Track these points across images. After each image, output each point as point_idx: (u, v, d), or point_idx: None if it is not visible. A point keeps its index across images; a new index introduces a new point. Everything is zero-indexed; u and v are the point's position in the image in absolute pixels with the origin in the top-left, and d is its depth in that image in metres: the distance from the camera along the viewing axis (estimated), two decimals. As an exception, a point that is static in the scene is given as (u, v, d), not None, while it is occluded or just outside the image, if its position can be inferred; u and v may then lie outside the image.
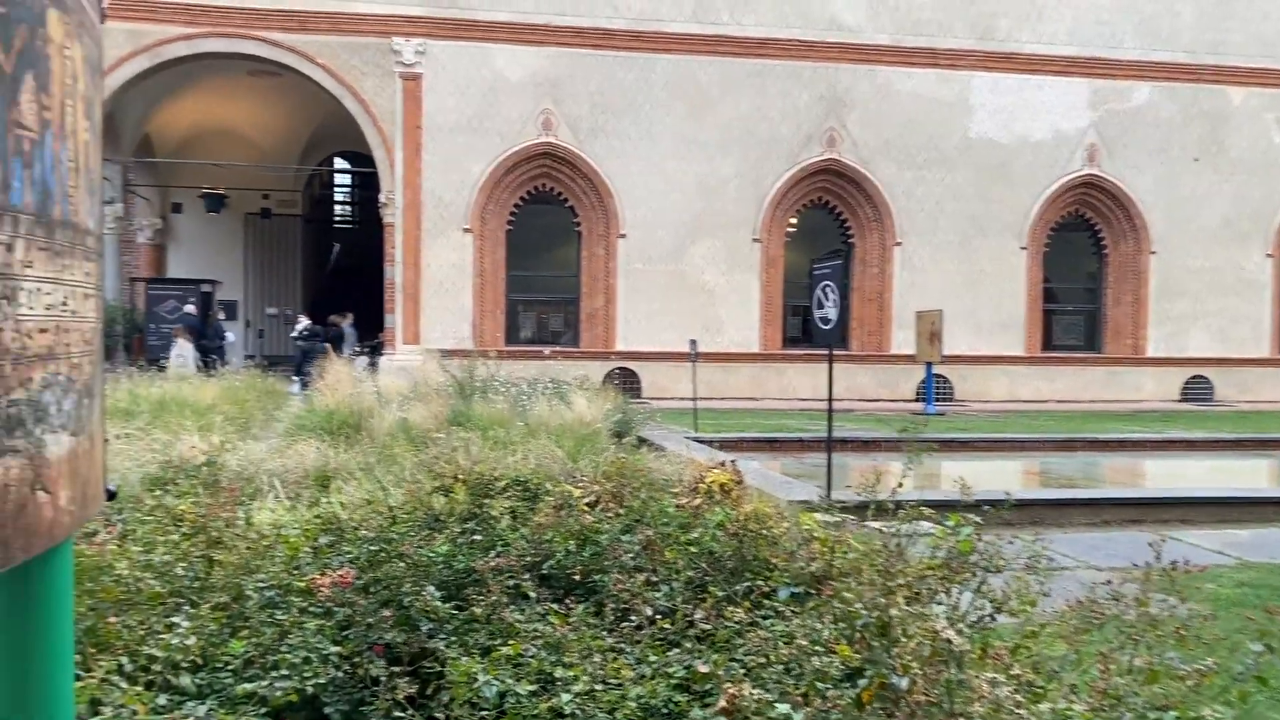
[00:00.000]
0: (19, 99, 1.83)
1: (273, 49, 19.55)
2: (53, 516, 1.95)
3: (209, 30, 19.35)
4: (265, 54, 19.64)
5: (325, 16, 19.51)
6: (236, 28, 19.39)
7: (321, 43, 19.56)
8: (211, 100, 24.01)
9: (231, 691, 3.08)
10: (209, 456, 5.18)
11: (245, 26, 19.39)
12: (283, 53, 19.60)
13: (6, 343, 1.78)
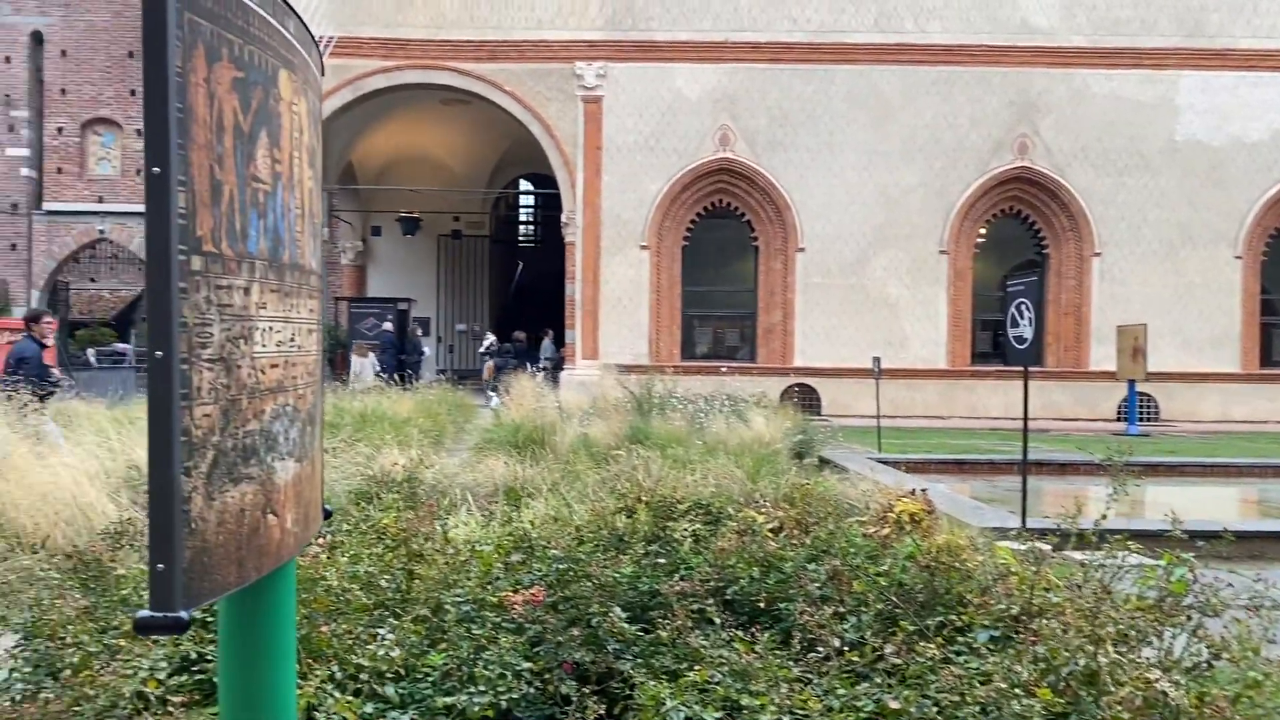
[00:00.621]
0: (255, 155, 1.99)
1: (464, 78, 20.46)
2: (280, 538, 2.09)
3: (406, 63, 20.44)
4: (457, 83, 20.58)
5: (513, 45, 20.27)
6: (431, 59, 20.41)
7: (509, 71, 20.33)
8: (407, 129, 25.32)
9: (431, 702, 3.22)
10: (408, 472, 5.44)
11: (439, 58, 20.38)
12: (473, 81, 20.48)
13: (244, 378, 1.94)
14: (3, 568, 4.51)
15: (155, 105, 1.67)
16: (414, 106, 23.42)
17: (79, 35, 26.61)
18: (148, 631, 1.70)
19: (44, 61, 26.75)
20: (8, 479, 6.33)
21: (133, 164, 26.75)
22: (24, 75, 26.58)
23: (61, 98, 26.64)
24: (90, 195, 26.76)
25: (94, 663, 3.20)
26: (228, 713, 2.12)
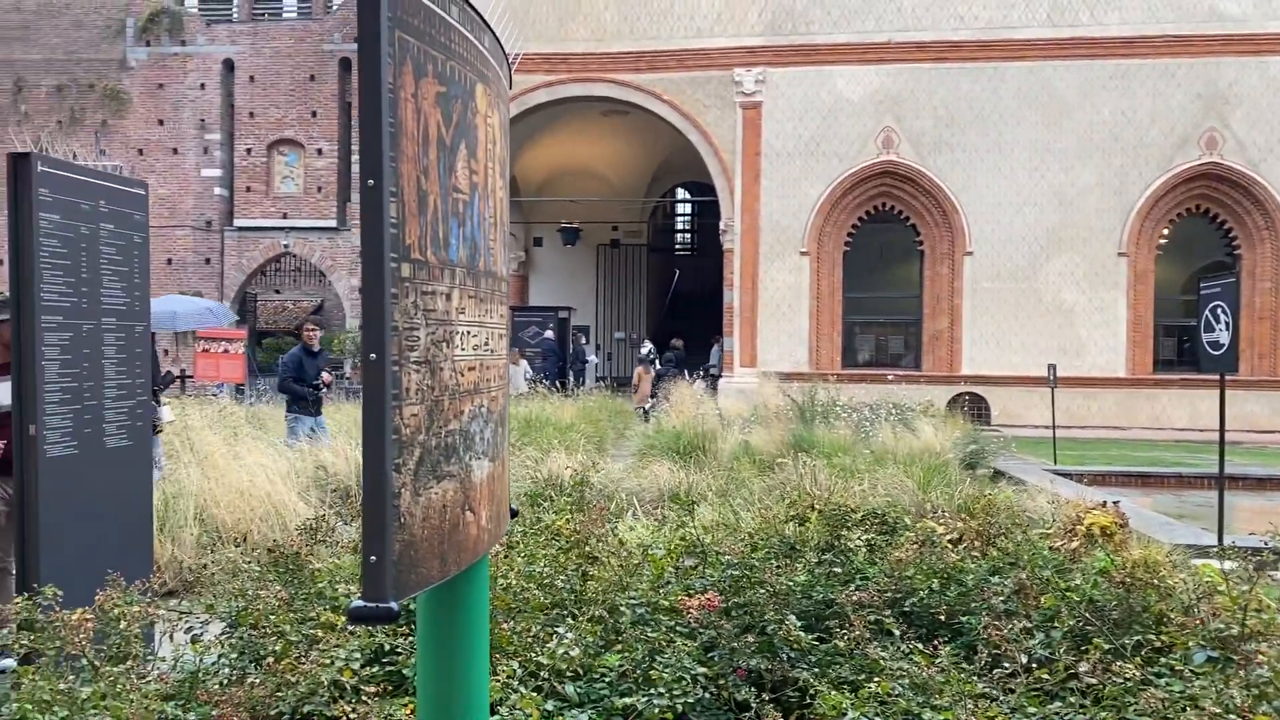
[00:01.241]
0: (455, 166, 2.07)
1: (623, 89, 20.76)
2: (476, 535, 2.17)
3: (567, 76, 20.90)
4: (617, 95, 20.89)
5: (672, 55, 20.44)
6: (591, 72, 20.80)
7: (667, 80, 20.51)
8: (568, 141, 25.87)
9: (608, 703, 3.26)
10: (580, 475, 5.55)
11: (599, 70, 20.75)
12: (632, 92, 20.75)
13: (446, 380, 2.01)
14: (210, 560, 4.83)
15: (370, 120, 1.76)
16: (574, 119, 23.92)
17: (265, 62, 28.38)
18: (361, 621, 1.79)
19: (234, 87, 28.64)
20: (209, 477, 6.79)
21: (313, 182, 28.31)
22: (217, 101, 28.52)
23: (250, 120, 28.46)
24: (276, 212, 28.46)
25: (294, 651, 3.38)
26: (425, 703, 2.20)
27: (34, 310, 4.18)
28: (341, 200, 28.25)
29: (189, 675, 3.45)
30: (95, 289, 4.57)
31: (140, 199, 4.95)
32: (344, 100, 28.24)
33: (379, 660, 3.39)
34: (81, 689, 2.98)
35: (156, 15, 28.90)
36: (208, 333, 20.97)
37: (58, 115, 28.84)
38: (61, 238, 4.35)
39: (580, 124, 24.42)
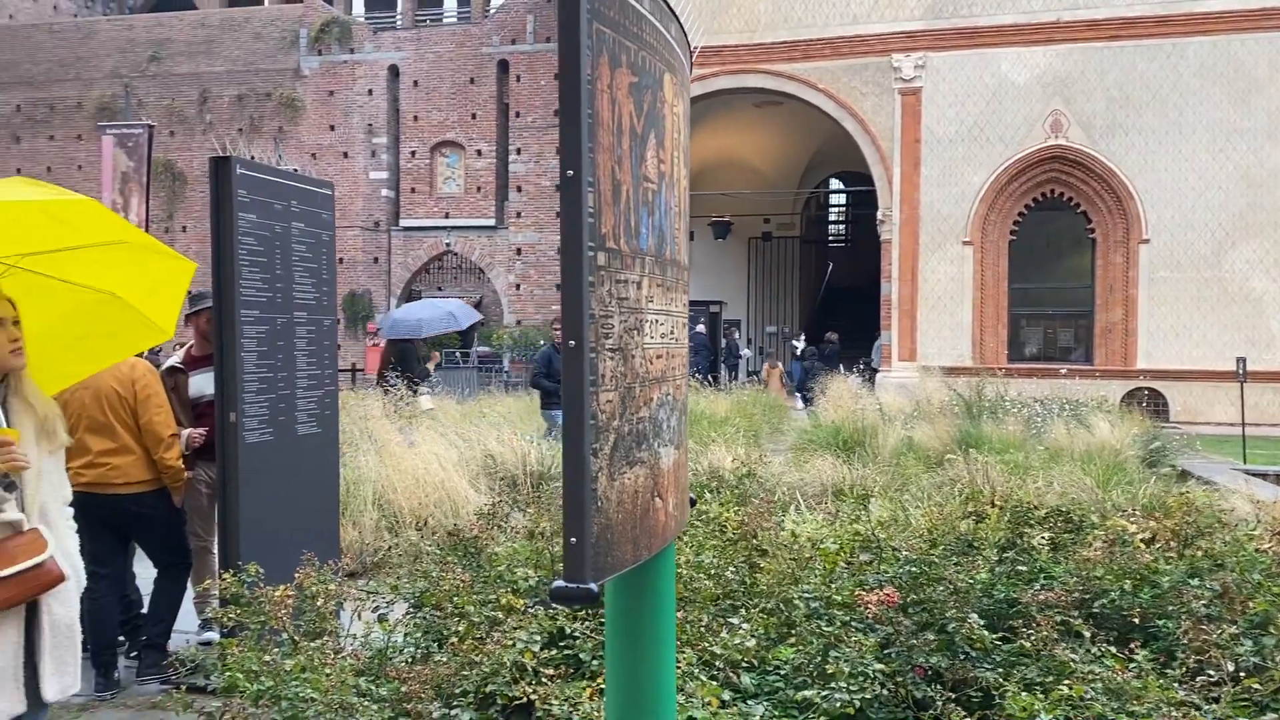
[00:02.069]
0: (646, 155, 2.08)
1: (777, 80, 20.56)
2: (664, 521, 2.18)
3: (720, 69, 20.86)
4: (770, 85, 20.72)
5: (826, 43, 20.12)
6: (744, 64, 20.69)
7: (822, 69, 20.19)
8: (719, 134, 25.83)
9: (784, 695, 3.24)
10: (747, 468, 5.54)
11: (752, 62, 20.62)
12: (785, 82, 20.53)
13: (636, 368, 2.03)
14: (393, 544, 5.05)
15: (569, 112, 1.79)
16: (725, 112, 23.85)
17: (428, 66, 29.43)
18: (562, 601, 1.83)
19: (399, 92, 29.83)
20: (386, 464, 7.10)
21: (473, 182, 29.21)
22: (384, 106, 29.78)
23: (414, 124, 29.58)
24: (438, 211, 29.52)
25: (475, 632, 3.50)
26: (614, 686, 2.23)
27: (234, 304, 4.46)
28: (499, 199, 29.05)
29: (376, 652, 3.62)
30: (288, 284, 4.83)
31: (327, 199, 5.21)
32: (501, 101, 29.01)
33: (556, 644, 3.46)
34: (284, 661, 3.16)
35: (327, 25, 30.38)
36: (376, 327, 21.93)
37: (239, 123, 30.71)
38: (258, 236, 4.62)
39: (732, 116, 24.33)
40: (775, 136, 25.99)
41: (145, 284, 2.85)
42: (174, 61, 31.54)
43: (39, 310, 2.79)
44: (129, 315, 2.91)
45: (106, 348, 3.14)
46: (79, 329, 2.95)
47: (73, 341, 3.00)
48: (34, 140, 31.98)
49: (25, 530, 2.54)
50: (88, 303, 2.84)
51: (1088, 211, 19.51)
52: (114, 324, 2.94)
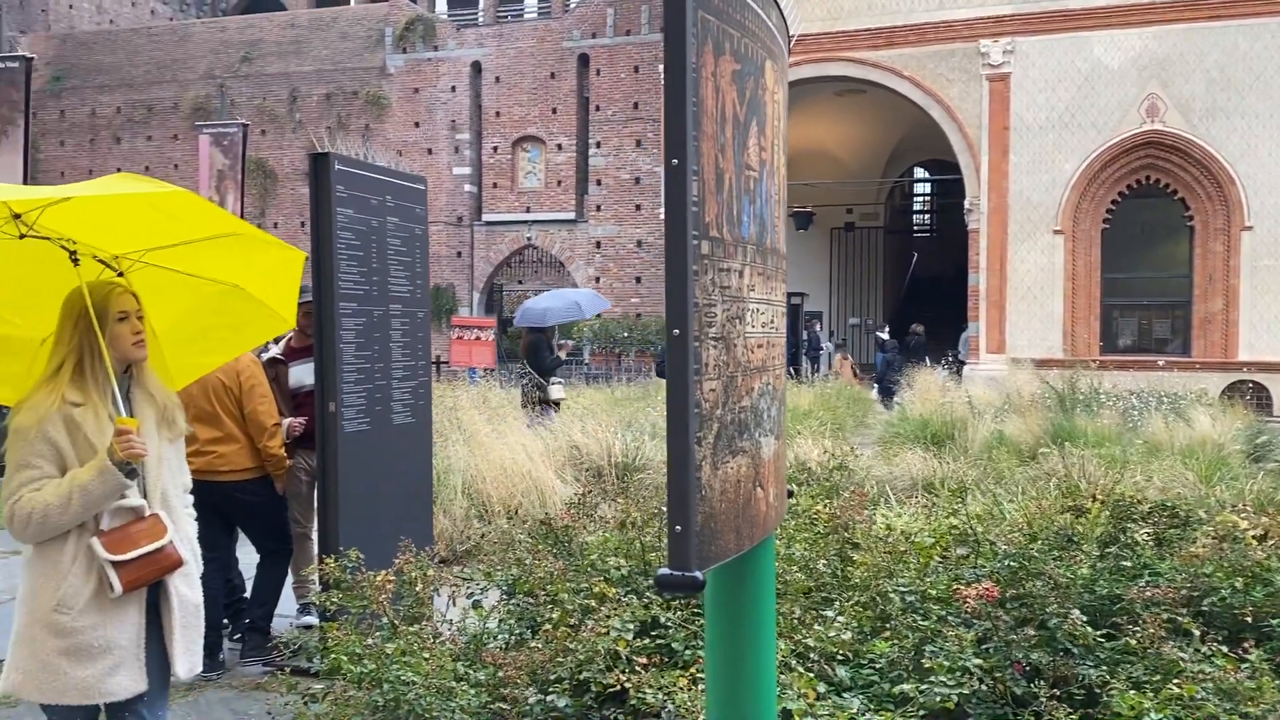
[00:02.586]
0: (748, 143, 2.07)
1: (860, 67, 20.28)
2: (765, 511, 2.18)
3: (802, 58, 20.64)
4: (853, 73, 20.44)
5: (912, 29, 19.76)
6: (827, 52, 20.44)
7: (907, 55, 19.85)
8: (800, 123, 25.57)
9: (879, 689, 3.21)
10: (838, 460, 5.49)
11: (834, 50, 20.36)
12: (869, 70, 20.24)
13: (738, 357, 2.03)
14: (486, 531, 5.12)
15: (674, 100, 1.79)
16: (806, 101, 23.60)
17: (509, 62, 29.73)
18: (667, 588, 1.84)
19: (481, 88, 30.20)
20: (475, 455, 7.21)
21: (554, 176, 29.43)
22: (466, 102, 30.18)
23: (496, 119, 29.92)
24: (519, 206, 29.82)
25: (569, 620, 3.53)
26: (714, 675, 2.23)
27: (333, 298, 4.57)
28: (579, 193, 29.22)
29: (472, 638, 3.68)
30: (384, 277, 4.94)
31: (420, 193, 5.31)
32: (582, 95, 29.16)
33: (648, 633, 3.48)
34: (385, 645, 3.24)
35: (412, 23, 30.89)
36: (461, 320, 22.28)
37: (327, 121, 31.42)
38: (355, 230, 4.72)
39: (813, 105, 24.07)
40: (857, 125, 25.64)
41: (262, 274, 2.93)
42: (265, 62, 32.40)
43: (165, 305, 2.90)
44: (252, 306, 3.00)
45: (234, 339, 3.23)
46: (205, 321, 3.05)
47: (199, 334, 3.10)
48: (133, 141, 33.18)
49: (146, 515, 2.64)
50: (211, 295, 2.93)
51: (1185, 198, 18.83)
52: (238, 315, 3.03)
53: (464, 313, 28.03)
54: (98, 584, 2.57)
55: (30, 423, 2.59)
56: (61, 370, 2.62)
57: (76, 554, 2.58)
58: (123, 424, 2.56)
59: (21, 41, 31.47)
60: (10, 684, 2.61)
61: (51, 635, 2.55)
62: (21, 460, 2.58)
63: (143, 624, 2.65)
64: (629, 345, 26.36)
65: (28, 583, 2.63)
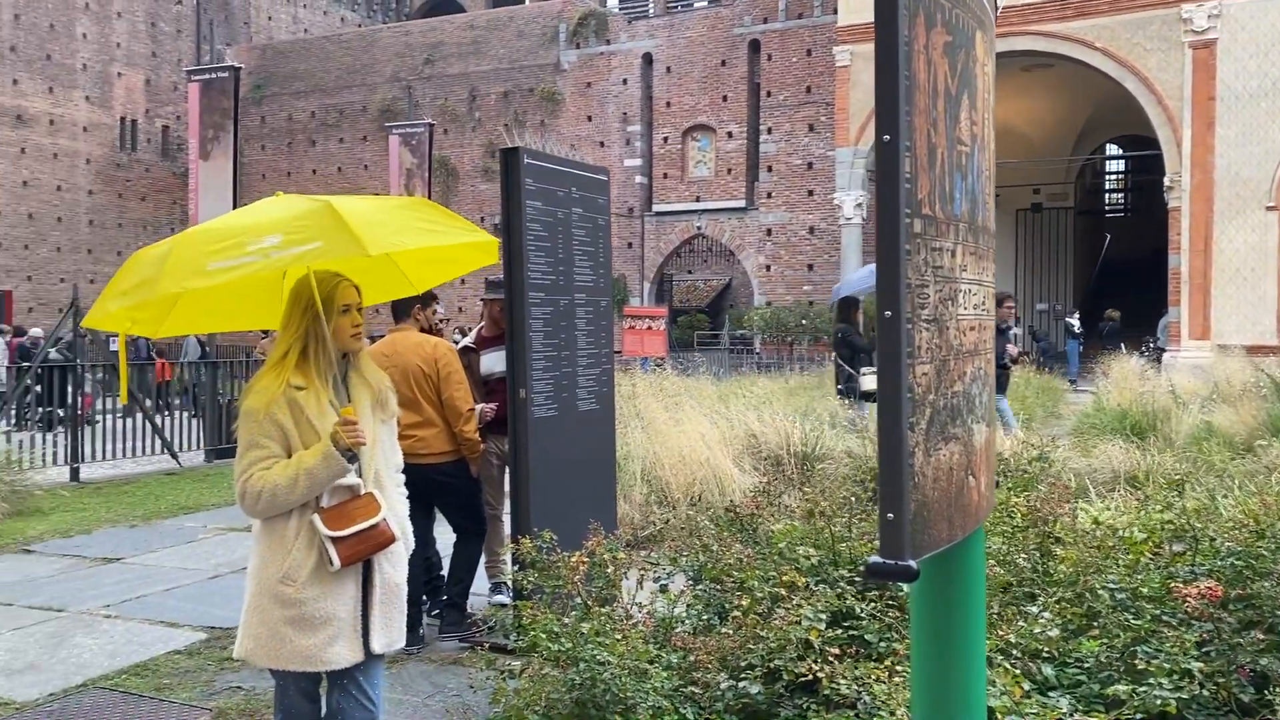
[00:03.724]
0: (959, 117, 2.00)
1: (1048, 40, 19.31)
2: (977, 500, 2.10)
3: (984, 34, 19.81)
4: (1040, 47, 19.48)
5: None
6: (1011, 25, 19.54)
7: (1100, 25, 18.74)
8: (983, 102, 24.55)
9: (1087, 689, 3.05)
10: (1036, 450, 5.26)
11: (1020, 23, 19.45)
12: (1057, 42, 19.25)
13: (950, 340, 1.96)
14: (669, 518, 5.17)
15: (886, 75, 1.74)
16: (991, 78, 22.60)
17: (679, 52, 29.83)
18: (878, 576, 1.79)
19: (653, 79, 30.43)
20: (653, 442, 7.28)
21: (724, 165, 29.37)
22: (637, 94, 30.49)
23: (666, 110, 30.10)
24: (689, 195, 29.92)
25: (758, 608, 3.52)
26: (920, 669, 2.17)
27: (523, 287, 4.70)
28: (750, 180, 29.06)
29: (660, 621, 3.71)
30: (569, 267, 5.04)
31: (603, 184, 5.39)
32: (753, 82, 28.96)
33: (840, 623, 3.43)
34: (580, 624, 3.31)
35: (585, 18, 31.43)
36: (632, 310, 22.56)
37: (504, 119, 32.40)
38: (543, 222, 4.84)
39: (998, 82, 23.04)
40: (1045, 101, 24.44)
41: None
42: (446, 63, 33.68)
43: None
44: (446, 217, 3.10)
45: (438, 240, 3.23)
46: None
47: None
48: (326, 143, 35.14)
49: (362, 494, 2.78)
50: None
51: None
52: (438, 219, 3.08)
53: (635, 303, 28.36)
54: (319, 558, 2.73)
55: (259, 405, 2.77)
56: (288, 356, 2.80)
57: (300, 529, 2.75)
58: (347, 413, 2.71)
59: (227, 53, 33.84)
60: (244, 650, 2.81)
61: (278, 605, 2.73)
62: (251, 440, 2.76)
63: (359, 597, 2.80)
64: (801, 334, 26.03)
65: (257, 555, 2.82)
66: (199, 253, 2.68)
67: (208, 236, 2.79)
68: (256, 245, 2.62)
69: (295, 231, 2.64)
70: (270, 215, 2.79)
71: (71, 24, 33.20)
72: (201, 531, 7.89)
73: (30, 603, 5.80)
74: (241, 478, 2.75)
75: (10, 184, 31.65)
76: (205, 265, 2.61)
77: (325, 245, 2.60)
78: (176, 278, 2.63)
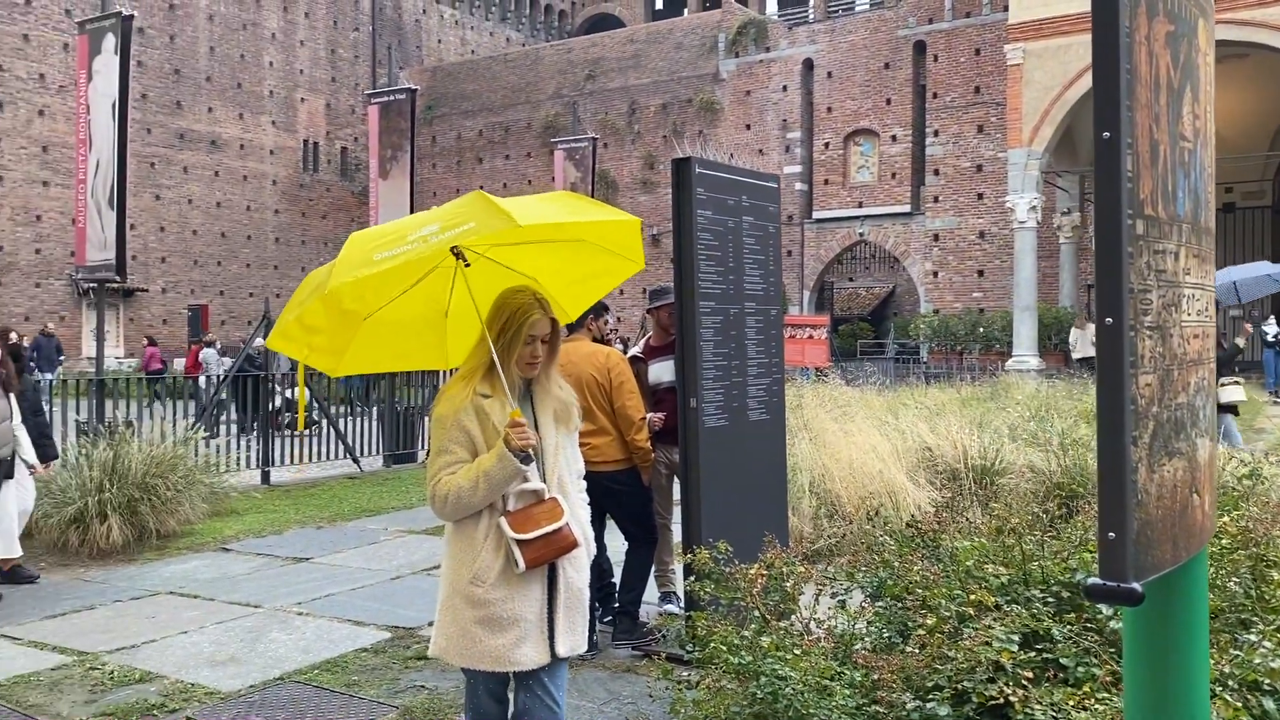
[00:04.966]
0: (1182, 111, 1.87)
1: (1242, 29, 18.07)
2: (1201, 520, 1.96)
3: (1170, 24, 18.71)
4: (1233, 36, 18.24)
5: (1306, -21, 17.34)
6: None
7: (1301, 10, 17.41)
8: (1168, 96, 23.18)
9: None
10: (1249, 466, 4.90)
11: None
12: (1253, 30, 17.99)
13: (1174, 348, 1.83)
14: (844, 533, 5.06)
15: (1105, 69, 1.64)
16: (1177, 71, 21.33)
17: (841, 56, 29.39)
18: (1098, 599, 1.69)
19: (813, 85, 30.09)
20: (822, 453, 7.16)
21: (887, 169, 28.74)
22: (797, 100, 30.21)
23: (827, 115, 29.70)
24: (851, 201, 29.40)
25: (944, 627, 3.39)
26: (1135, 700, 2.04)
27: (694, 296, 4.70)
28: (915, 185, 28.33)
29: (840, 638, 3.63)
30: (739, 276, 5.02)
31: (773, 192, 5.34)
32: (918, 84, 28.25)
33: (1033, 645, 3.26)
34: (760, 638, 3.27)
35: (744, 27, 31.40)
36: (793, 319, 22.32)
37: (663, 130, 32.68)
38: (713, 231, 4.84)
39: (1183, 76, 21.72)
40: (1238, 94, 22.85)
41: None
42: (606, 78, 34.27)
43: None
44: (601, 255, 3.26)
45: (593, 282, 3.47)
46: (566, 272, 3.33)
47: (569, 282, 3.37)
48: (492, 160, 36.31)
49: (546, 498, 2.84)
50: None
51: None
52: (591, 263, 3.30)
53: (794, 311, 28.05)
54: (505, 560, 2.80)
55: (448, 412, 2.87)
56: (476, 367, 2.89)
57: (488, 532, 2.83)
58: (514, 415, 2.78)
59: (401, 76, 35.43)
60: (437, 648, 2.91)
61: (469, 605, 2.81)
62: (441, 446, 2.87)
63: (545, 600, 2.85)
64: (971, 342, 25.14)
65: (449, 557, 2.92)
66: (365, 249, 2.83)
67: (373, 234, 2.98)
68: (416, 235, 2.76)
69: (450, 219, 2.76)
70: (432, 213, 2.95)
71: (260, 54, 35.48)
72: (383, 533, 8.24)
73: (230, 599, 6.18)
74: (431, 481, 2.86)
75: (206, 205, 34.04)
76: (371, 256, 2.74)
77: (477, 224, 2.71)
78: (346, 269, 2.77)
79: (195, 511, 8.10)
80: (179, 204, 33.28)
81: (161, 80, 32.66)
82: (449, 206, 2.92)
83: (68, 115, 28.31)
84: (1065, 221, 24.85)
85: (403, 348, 3.36)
